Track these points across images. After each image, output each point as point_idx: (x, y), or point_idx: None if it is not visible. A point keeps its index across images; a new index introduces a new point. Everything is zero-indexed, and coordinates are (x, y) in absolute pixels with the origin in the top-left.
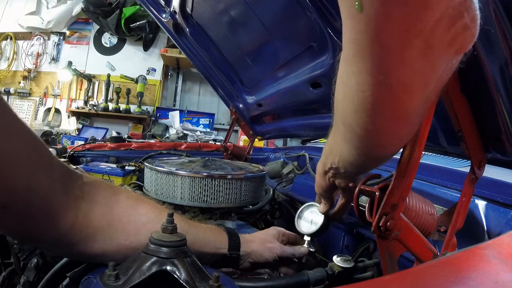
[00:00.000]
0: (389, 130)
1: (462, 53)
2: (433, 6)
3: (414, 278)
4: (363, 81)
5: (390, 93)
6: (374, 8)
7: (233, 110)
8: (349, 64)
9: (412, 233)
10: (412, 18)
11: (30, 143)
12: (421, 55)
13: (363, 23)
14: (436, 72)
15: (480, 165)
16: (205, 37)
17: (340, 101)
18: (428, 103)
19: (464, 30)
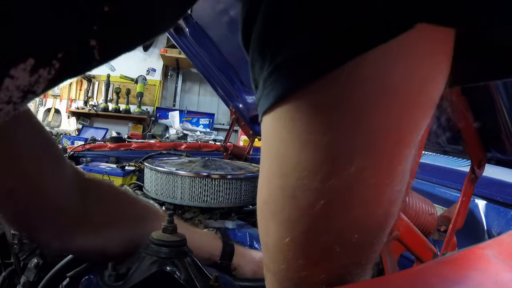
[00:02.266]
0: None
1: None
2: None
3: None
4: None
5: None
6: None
7: (233, 110)
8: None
9: (412, 232)
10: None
11: (40, 132)
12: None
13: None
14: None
15: (480, 165)
16: (205, 37)
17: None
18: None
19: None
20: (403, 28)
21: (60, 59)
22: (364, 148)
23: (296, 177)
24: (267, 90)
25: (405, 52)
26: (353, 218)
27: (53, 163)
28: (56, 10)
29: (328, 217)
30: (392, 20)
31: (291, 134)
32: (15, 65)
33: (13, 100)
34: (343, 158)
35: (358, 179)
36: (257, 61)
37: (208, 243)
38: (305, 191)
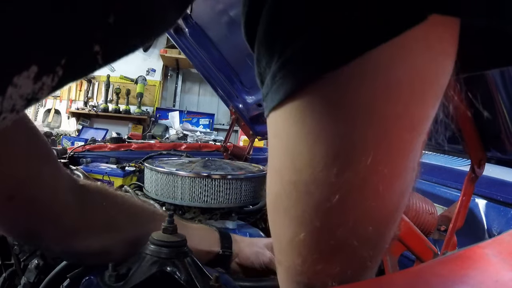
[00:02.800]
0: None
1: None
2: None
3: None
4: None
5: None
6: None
7: (233, 110)
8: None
9: (413, 232)
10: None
11: (37, 138)
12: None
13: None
14: None
15: (480, 164)
16: (205, 37)
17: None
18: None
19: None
20: (415, 20)
21: (64, 66)
22: (378, 138)
23: (310, 172)
24: (276, 85)
25: (416, 43)
26: (368, 210)
27: (51, 169)
28: (58, 17)
29: (343, 210)
30: (404, 13)
31: (303, 129)
32: (18, 73)
33: (16, 108)
34: (358, 150)
35: (373, 171)
36: (264, 56)
37: (206, 236)
38: (319, 185)
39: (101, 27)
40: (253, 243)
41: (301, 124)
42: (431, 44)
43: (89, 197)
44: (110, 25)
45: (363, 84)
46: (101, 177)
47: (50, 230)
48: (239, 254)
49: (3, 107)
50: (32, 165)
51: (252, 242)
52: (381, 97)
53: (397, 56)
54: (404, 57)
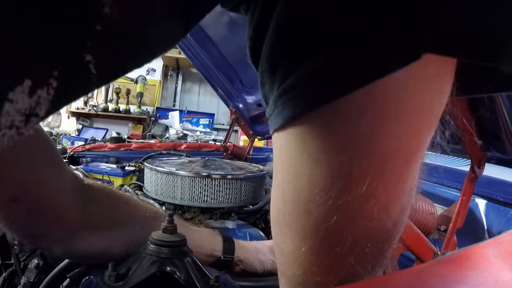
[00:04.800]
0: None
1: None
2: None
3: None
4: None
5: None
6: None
7: (233, 110)
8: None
9: (413, 232)
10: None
11: (42, 138)
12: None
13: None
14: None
15: (480, 164)
16: (205, 37)
17: None
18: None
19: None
20: (410, 59)
21: (57, 77)
22: (375, 168)
23: (309, 193)
24: (278, 110)
25: (413, 78)
26: (365, 230)
27: (55, 169)
28: (46, 29)
29: (341, 230)
30: (400, 51)
31: (304, 153)
32: (12, 88)
33: (16, 124)
34: (355, 178)
35: (369, 196)
36: (267, 81)
37: (209, 240)
38: (318, 206)
39: (91, 37)
40: (257, 250)
41: (302, 148)
42: (428, 79)
43: (92, 197)
44: (100, 37)
45: (360, 116)
46: (101, 177)
47: (53, 230)
48: (243, 261)
49: (1, 123)
50: (37, 166)
51: (256, 248)
52: (377, 130)
53: (393, 91)
54: (401, 92)
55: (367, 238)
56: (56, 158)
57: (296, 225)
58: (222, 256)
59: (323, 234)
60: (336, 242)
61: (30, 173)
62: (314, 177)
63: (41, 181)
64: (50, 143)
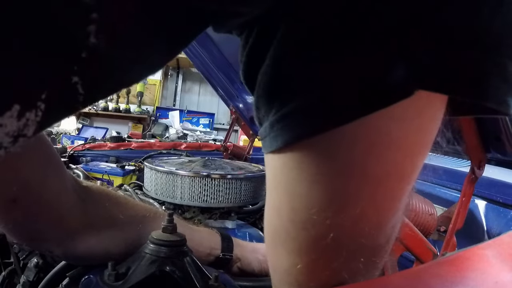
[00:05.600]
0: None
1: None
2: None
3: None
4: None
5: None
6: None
7: (233, 110)
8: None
9: (412, 233)
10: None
11: (40, 140)
12: None
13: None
14: None
15: (480, 165)
16: (205, 36)
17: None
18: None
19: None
20: (403, 95)
21: (45, 100)
22: (369, 191)
23: (306, 212)
24: (274, 134)
25: (405, 112)
26: (360, 246)
27: (54, 170)
28: (32, 55)
29: (337, 247)
30: (393, 88)
31: (301, 175)
32: (1, 114)
33: (4, 145)
34: (350, 199)
35: (364, 216)
36: (262, 106)
37: (208, 238)
38: (315, 224)
39: (77, 63)
40: (255, 250)
41: (299, 170)
42: (420, 111)
43: (91, 199)
44: (86, 63)
45: (353, 144)
46: (101, 176)
47: (53, 232)
48: (241, 259)
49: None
50: (36, 168)
51: (255, 248)
52: (370, 156)
53: (384, 123)
54: (392, 124)
55: (361, 253)
56: (55, 160)
57: (293, 243)
58: (221, 254)
59: (320, 250)
60: (332, 258)
61: (30, 175)
62: (311, 197)
63: (41, 183)
64: (49, 144)
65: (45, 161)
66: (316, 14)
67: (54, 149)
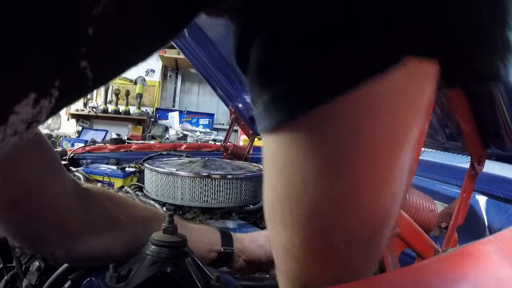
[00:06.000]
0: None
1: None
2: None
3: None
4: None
5: None
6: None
7: (233, 110)
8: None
9: (413, 229)
10: None
11: (41, 142)
12: None
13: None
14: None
15: (480, 161)
16: (204, 37)
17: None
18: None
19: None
20: (390, 64)
21: (58, 87)
22: (363, 159)
23: (302, 184)
24: (268, 113)
25: (395, 79)
26: (358, 219)
27: (54, 173)
28: (42, 42)
29: (334, 219)
30: (380, 57)
31: (295, 151)
32: (18, 102)
33: (18, 132)
34: (346, 166)
35: (360, 183)
36: (256, 87)
37: (207, 235)
38: (311, 196)
39: (84, 42)
40: (255, 238)
41: (293, 147)
42: (409, 79)
43: (92, 200)
44: (93, 42)
45: (344, 117)
46: (101, 178)
47: (54, 234)
48: (244, 251)
49: (6, 133)
50: (37, 169)
51: (253, 237)
52: (362, 127)
53: (374, 93)
54: (382, 94)
55: (360, 227)
56: (55, 162)
57: (289, 218)
58: (222, 248)
59: (316, 224)
60: (330, 232)
61: (30, 177)
62: (307, 169)
63: (41, 185)
64: (49, 147)
65: (45, 163)
66: (314, 11)
67: (54, 151)
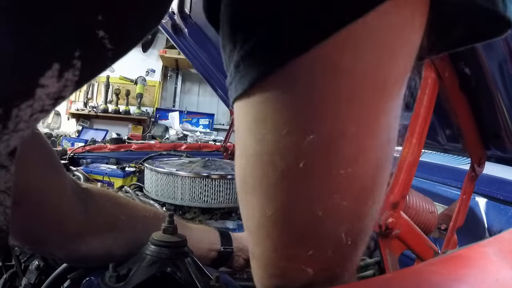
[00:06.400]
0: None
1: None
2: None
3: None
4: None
5: None
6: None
7: (233, 110)
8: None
9: (413, 231)
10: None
11: (42, 143)
12: None
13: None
14: None
15: (480, 163)
16: (204, 37)
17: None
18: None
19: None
20: (369, 6)
21: (79, 57)
22: (342, 97)
23: (273, 139)
24: (240, 75)
25: (385, 15)
26: (337, 179)
27: (54, 173)
28: (60, 16)
29: (310, 180)
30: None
31: (268, 108)
32: (42, 73)
33: (45, 108)
34: (321, 110)
35: (338, 132)
36: (227, 44)
37: (207, 235)
38: (283, 153)
39: (99, 7)
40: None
41: (265, 104)
42: (387, 23)
43: (92, 200)
44: (108, 6)
45: (316, 69)
46: (101, 178)
47: (54, 235)
48: (243, 249)
49: (34, 108)
50: (36, 169)
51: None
52: (349, 61)
53: (364, 29)
54: (370, 30)
55: (340, 190)
56: (55, 162)
57: (261, 186)
58: (221, 248)
59: (290, 187)
60: (305, 196)
61: (30, 177)
62: (278, 121)
63: (41, 185)
64: (49, 147)
65: (44, 163)
66: None
67: (54, 151)
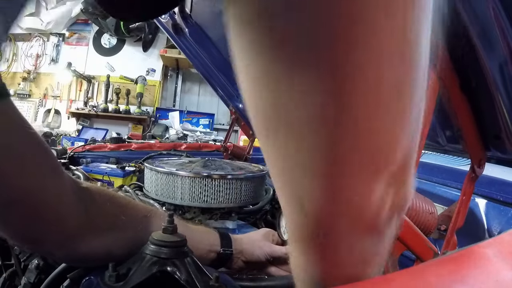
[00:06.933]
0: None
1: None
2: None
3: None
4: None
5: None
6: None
7: (233, 110)
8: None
9: (413, 232)
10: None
11: (38, 143)
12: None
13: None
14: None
15: (480, 164)
16: (205, 37)
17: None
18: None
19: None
20: None
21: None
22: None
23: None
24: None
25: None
26: (369, 120)
27: (53, 173)
28: None
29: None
30: None
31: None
32: None
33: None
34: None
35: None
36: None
37: (207, 236)
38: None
39: None
40: (252, 238)
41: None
42: None
43: (92, 200)
44: None
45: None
46: (101, 177)
47: (54, 234)
48: (243, 251)
49: None
50: (34, 169)
51: (250, 237)
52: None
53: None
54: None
55: (373, 135)
56: (53, 162)
57: (286, 124)
58: (221, 249)
59: (323, 129)
60: (341, 136)
61: (29, 177)
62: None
63: (40, 185)
64: (46, 147)
65: (43, 163)
66: None
67: (51, 151)
